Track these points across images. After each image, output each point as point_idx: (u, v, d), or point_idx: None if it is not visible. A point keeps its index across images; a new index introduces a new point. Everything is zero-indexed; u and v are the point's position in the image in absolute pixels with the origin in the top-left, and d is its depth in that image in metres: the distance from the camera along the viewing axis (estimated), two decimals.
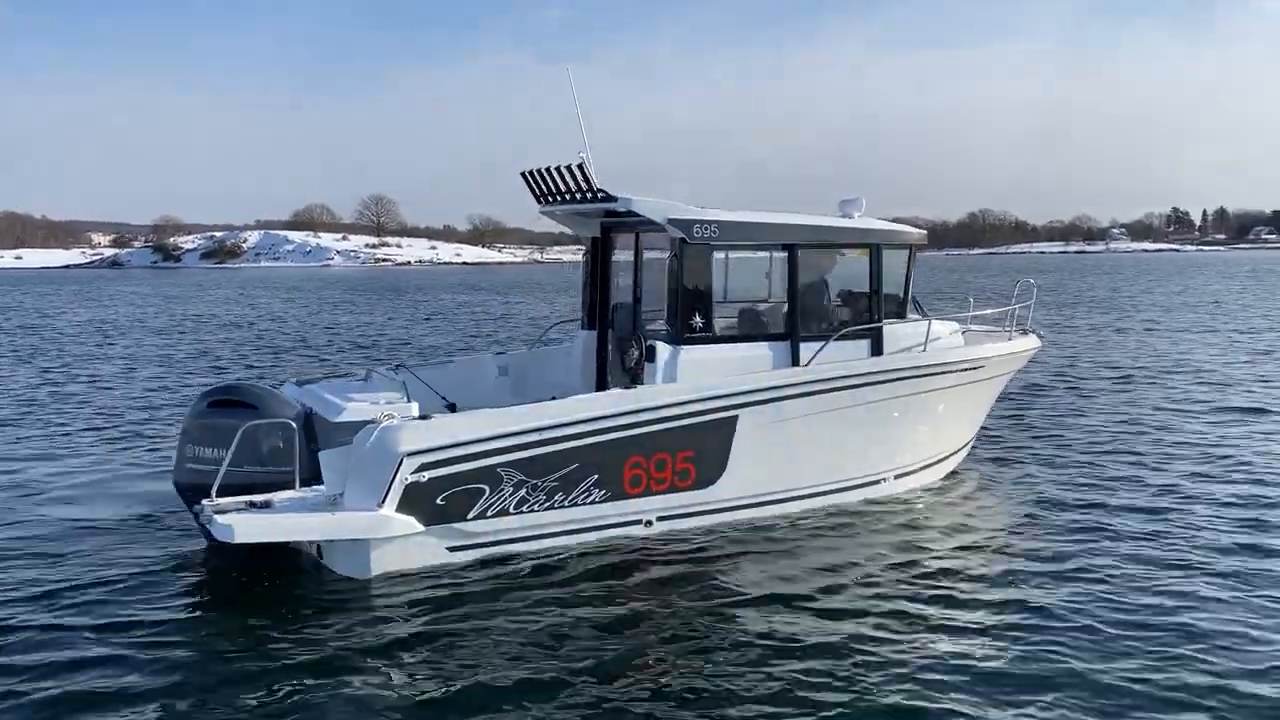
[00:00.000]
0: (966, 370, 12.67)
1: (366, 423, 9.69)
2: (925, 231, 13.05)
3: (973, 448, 14.06)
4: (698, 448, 10.69)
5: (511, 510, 9.88)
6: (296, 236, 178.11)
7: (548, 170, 11.59)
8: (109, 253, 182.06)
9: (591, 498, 10.23)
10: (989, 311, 14.22)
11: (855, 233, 12.07)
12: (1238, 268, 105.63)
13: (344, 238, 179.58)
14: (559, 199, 11.74)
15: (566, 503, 10.12)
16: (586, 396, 10.62)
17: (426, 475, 9.44)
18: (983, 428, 14.45)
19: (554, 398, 10.74)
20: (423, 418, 9.85)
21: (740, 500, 11.10)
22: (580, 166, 10.99)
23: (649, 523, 10.63)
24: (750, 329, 11.71)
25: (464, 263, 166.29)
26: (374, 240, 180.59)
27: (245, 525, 8.88)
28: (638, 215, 11.09)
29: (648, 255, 12.17)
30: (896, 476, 12.35)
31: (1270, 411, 18.13)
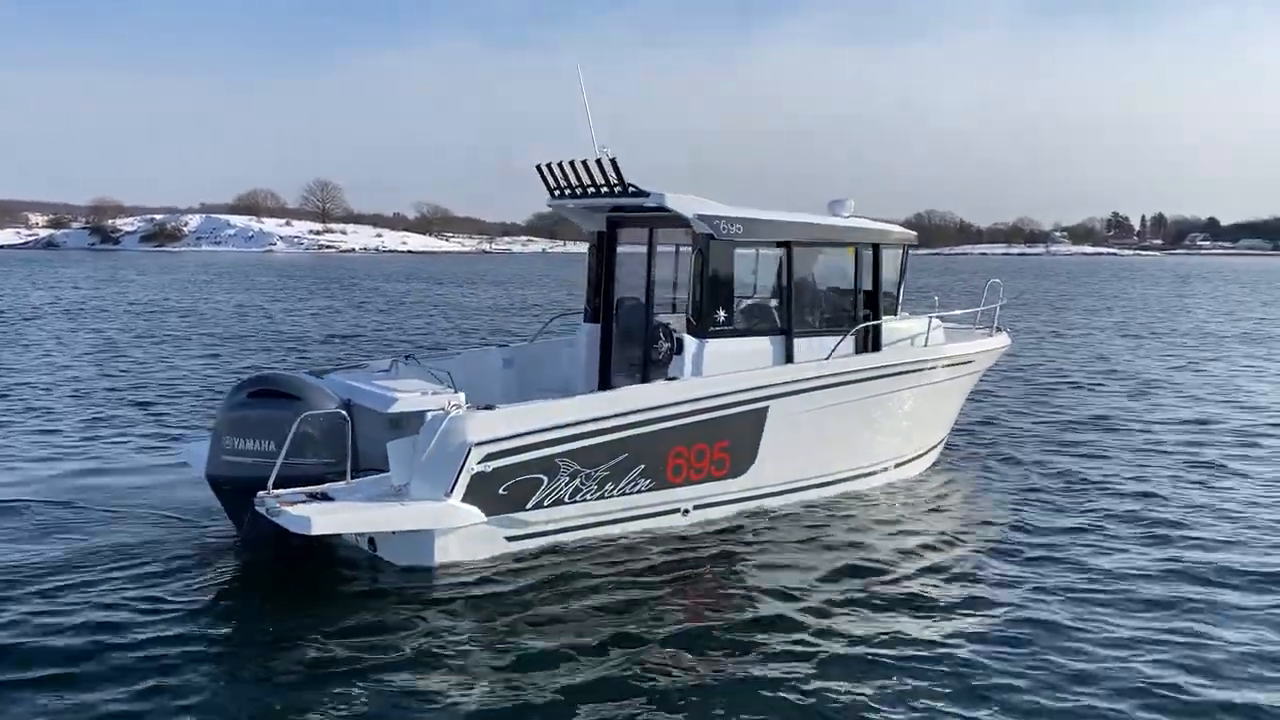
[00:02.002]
0: (959, 365, 13.42)
1: (422, 413, 9.64)
2: (915, 233, 13.72)
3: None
4: (733, 437, 11.05)
5: (566, 500, 10.08)
6: (239, 221, 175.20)
7: (571, 164, 11.74)
8: (45, 234, 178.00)
9: (638, 487, 10.48)
10: (959, 311, 14.72)
11: (862, 232, 12.59)
12: (1170, 273, 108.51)
13: (287, 223, 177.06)
14: (577, 193, 11.90)
15: (615, 492, 10.34)
16: (640, 387, 10.84)
17: (491, 465, 9.53)
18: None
19: (603, 386, 11.34)
20: (486, 407, 9.88)
21: (766, 489, 11.51)
22: (613, 161, 11.20)
23: (686, 511, 10.92)
24: (767, 324, 11.88)
25: (409, 251, 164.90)
26: (318, 226, 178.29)
27: (321, 516, 8.78)
28: (666, 210, 11.22)
29: (661, 250, 12.42)
30: (896, 465, 13.02)
31: (1209, 411, 18.64)
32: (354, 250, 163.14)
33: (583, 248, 12.70)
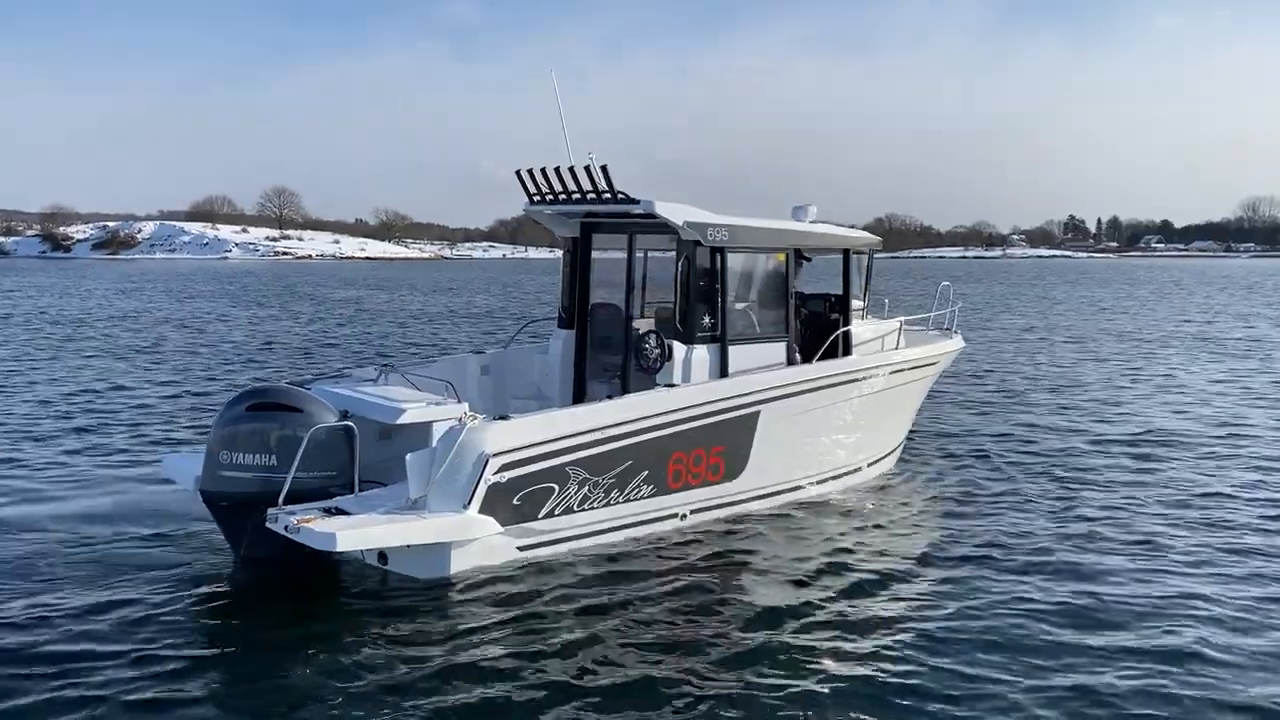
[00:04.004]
0: (924, 367, 13.89)
1: (428, 424, 9.69)
2: (880, 238, 14.21)
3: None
4: (728, 443, 11.23)
5: (575, 508, 10.15)
6: (194, 228, 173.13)
7: (556, 170, 11.79)
8: None
9: (641, 493, 10.60)
10: (923, 315, 15.11)
11: (836, 238, 13.01)
12: (1118, 274, 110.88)
13: (243, 230, 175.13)
14: (559, 199, 11.95)
15: (620, 499, 10.46)
16: (647, 394, 10.85)
17: (506, 476, 9.56)
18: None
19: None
20: (501, 417, 9.94)
21: (756, 492, 11.70)
22: (604, 169, 11.30)
23: (683, 516, 11.07)
24: (748, 330, 11.97)
25: (367, 257, 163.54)
26: (275, 233, 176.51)
27: (346, 532, 8.67)
28: (653, 216, 11.27)
29: (639, 256, 12.46)
30: (869, 465, 13.35)
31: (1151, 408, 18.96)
32: (311, 257, 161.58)
33: (542, 253, 12.50)
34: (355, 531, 8.75)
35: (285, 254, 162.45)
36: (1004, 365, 26.96)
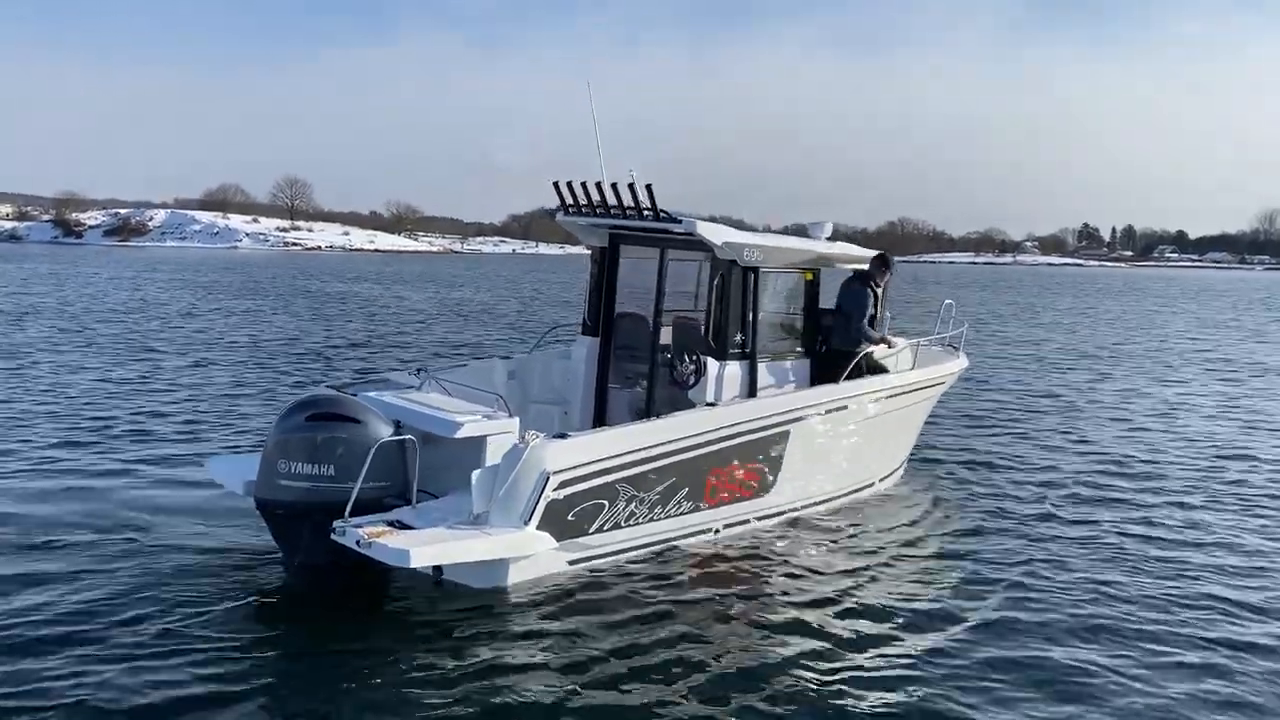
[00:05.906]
0: (935, 385, 14.30)
1: (483, 438, 9.74)
2: (895, 257, 14.32)
3: None
4: (762, 459, 11.50)
5: (623, 524, 10.36)
6: (205, 217, 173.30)
7: (598, 185, 11.91)
8: (7, 226, 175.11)
9: (681, 509, 10.85)
10: (926, 336, 15.34)
11: (856, 258, 13.34)
12: (1115, 282, 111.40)
13: (254, 220, 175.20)
14: (595, 212, 12.08)
15: (663, 515, 10.70)
16: (693, 413, 11.04)
17: (564, 493, 9.75)
18: None
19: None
20: (560, 435, 10.08)
21: (783, 506, 12.00)
22: (648, 187, 11.45)
23: (717, 530, 11.30)
24: (776, 347, 12.34)
25: (376, 250, 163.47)
26: (285, 224, 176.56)
27: (420, 548, 8.75)
28: (692, 235, 11.53)
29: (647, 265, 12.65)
30: (881, 479, 13.76)
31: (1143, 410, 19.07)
32: (320, 248, 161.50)
33: (552, 249, 12.31)
34: (428, 548, 8.81)
35: (295, 245, 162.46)
36: (994, 378, 26.62)
